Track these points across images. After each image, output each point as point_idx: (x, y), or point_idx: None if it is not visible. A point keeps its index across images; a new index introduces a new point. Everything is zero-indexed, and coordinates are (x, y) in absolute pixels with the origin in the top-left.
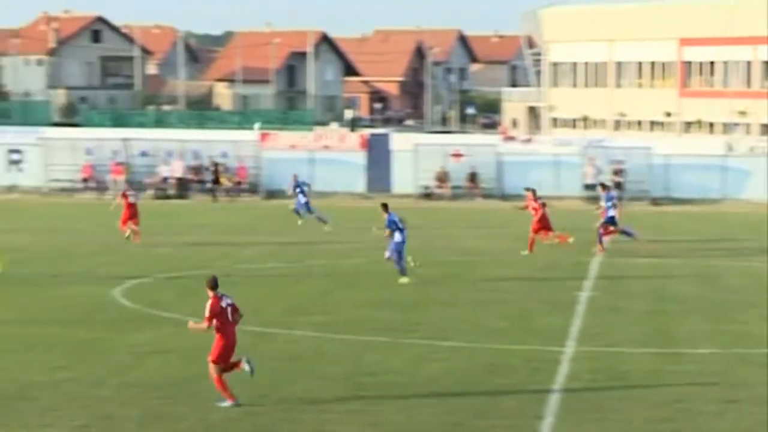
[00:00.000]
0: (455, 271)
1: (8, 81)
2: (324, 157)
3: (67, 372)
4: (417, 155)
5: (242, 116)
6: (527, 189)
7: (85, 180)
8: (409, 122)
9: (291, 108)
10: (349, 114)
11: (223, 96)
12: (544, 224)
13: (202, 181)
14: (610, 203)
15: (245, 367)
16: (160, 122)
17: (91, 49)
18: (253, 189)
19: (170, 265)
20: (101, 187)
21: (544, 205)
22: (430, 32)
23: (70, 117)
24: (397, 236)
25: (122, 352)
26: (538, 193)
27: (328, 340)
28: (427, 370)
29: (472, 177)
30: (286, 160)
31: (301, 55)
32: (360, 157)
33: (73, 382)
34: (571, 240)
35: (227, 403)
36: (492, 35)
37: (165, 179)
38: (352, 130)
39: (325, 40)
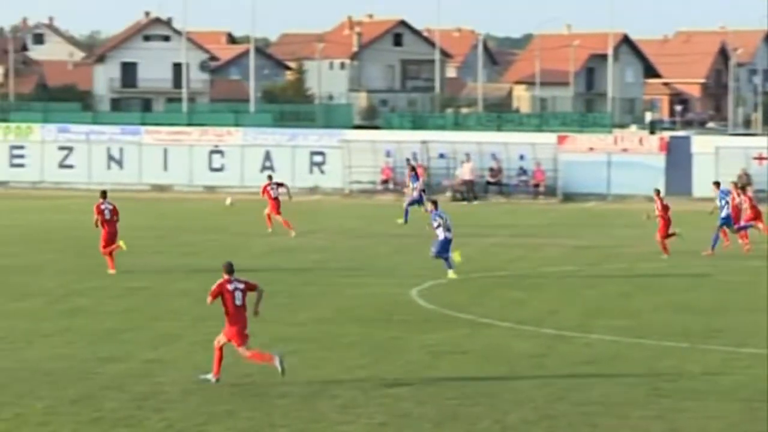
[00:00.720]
0: (755, 279)
1: (312, 84)
2: (622, 160)
3: (365, 370)
4: (718, 158)
5: (540, 119)
6: None
7: (384, 182)
8: (711, 125)
9: (589, 110)
10: (648, 116)
11: (522, 99)
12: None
13: (499, 183)
14: (723, 201)
15: (276, 363)
16: (458, 125)
17: (392, 52)
18: (551, 192)
19: (466, 267)
20: (400, 189)
21: None
22: (734, 33)
23: (370, 119)
24: (440, 233)
25: (418, 351)
26: None
27: (625, 344)
28: (727, 377)
29: None
30: (584, 162)
31: (601, 57)
32: (659, 160)
33: (371, 380)
34: None
35: (210, 376)
36: None
37: (470, 181)
38: (652, 133)
39: (626, 42)
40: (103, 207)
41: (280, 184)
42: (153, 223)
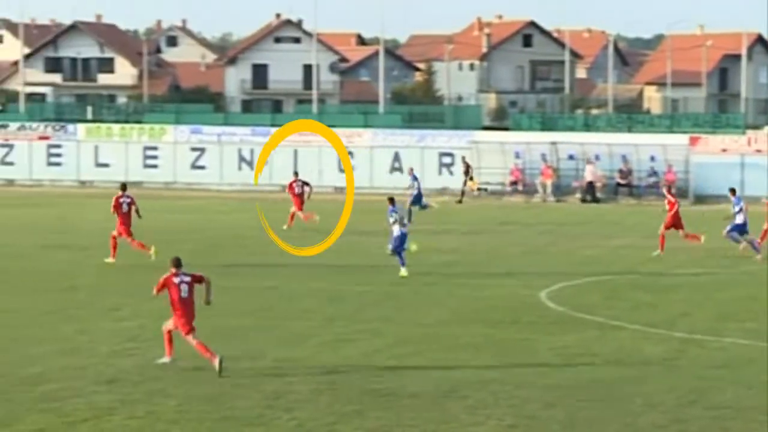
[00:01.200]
0: None
1: (442, 85)
2: (756, 161)
3: (494, 372)
4: None
5: (671, 120)
6: None
7: (513, 183)
8: None
9: (722, 111)
10: None
11: (653, 99)
12: None
13: (629, 185)
14: (737, 208)
15: (216, 363)
16: (588, 126)
17: (521, 53)
18: (682, 194)
19: (597, 268)
20: (529, 191)
21: None
22: None
23: (500, 121)
24: (396, 229)
25: (547, 353)
26: None
27: (758, 348)
28: None
29: None
30: (716, 164)
31: (734, 58)
32: None
33: (499, 382)
34: None
35: (166, 359)
36: None
37: (591, 183)
38: None
39: (760, 42)
40: (121, 200)
41: (305, 183)
42: (282, 224)
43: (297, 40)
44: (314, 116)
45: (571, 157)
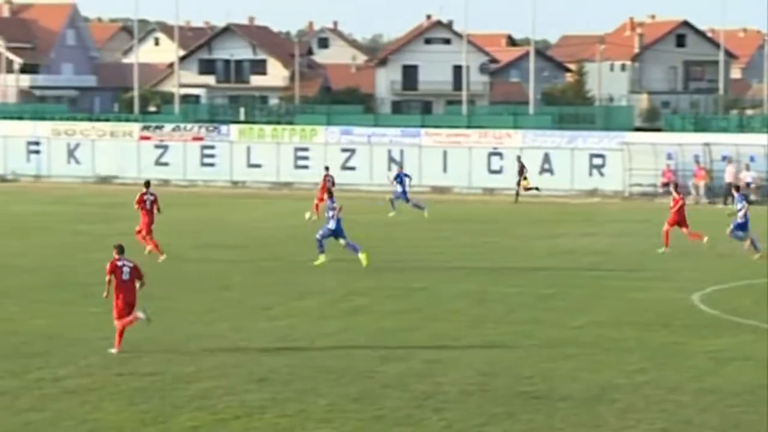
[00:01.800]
0: None
1: (593, 86)
2: None
3: (645, 375)
4: None
5: None
6: None
7: (665, 184)
8: None
9: None
10: None
11: None
12: None
13: None
14: (740, 206)
15: (141, 315)
16: (742, 127)
17: (675, 53)
18: None
19: (749, 272)
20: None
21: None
22: None
23: (652, 122)
24: (332, 223)
25: (700, 357)
26: None
27: None
28: None
29: None
30: None
31: None
32: None
33: (650, 385)
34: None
35: (113, 350)
36: None
37: (747, 184)
38: None
39: None
40: (145, 197)
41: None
42: (433, 225)
43: (447, 41)
44: (463, 117)
45: (724, 158)
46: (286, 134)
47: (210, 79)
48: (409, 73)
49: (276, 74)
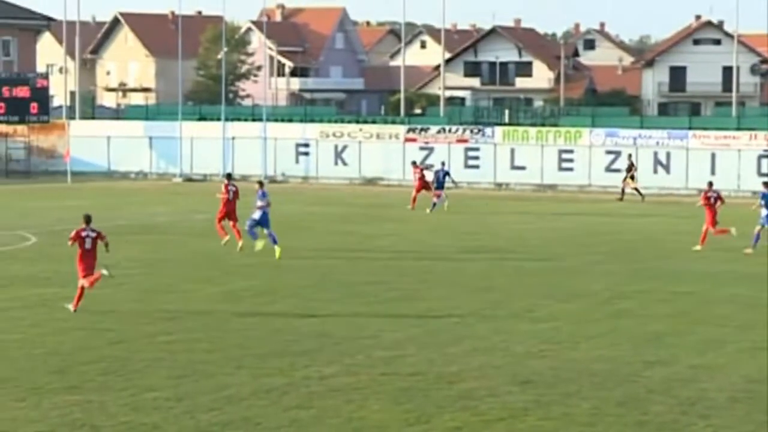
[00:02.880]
0: None
1: None
2: None
3: None
4: None
5: None
6: None
7: None
8: None
9: None
10: None
11: None
12: None
13: None
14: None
15: (104, 272)
16: None
17: None
18: None
19: None
20: None
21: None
22: None
23: None
24: (257, 213)
25: None
26: None
27: None
28: None
29: None
30: None
31: None
32: None
33: None
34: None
35: (70, 306)
36: None
37: None
38: None
39: None
40: (230, 188)
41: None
42: (687, 228)
43: (717, 42)
44: (733, 119)
45: None
46: (550, 136)
47: (475, 82)
48: (677, 75)
49: (541, 76)
